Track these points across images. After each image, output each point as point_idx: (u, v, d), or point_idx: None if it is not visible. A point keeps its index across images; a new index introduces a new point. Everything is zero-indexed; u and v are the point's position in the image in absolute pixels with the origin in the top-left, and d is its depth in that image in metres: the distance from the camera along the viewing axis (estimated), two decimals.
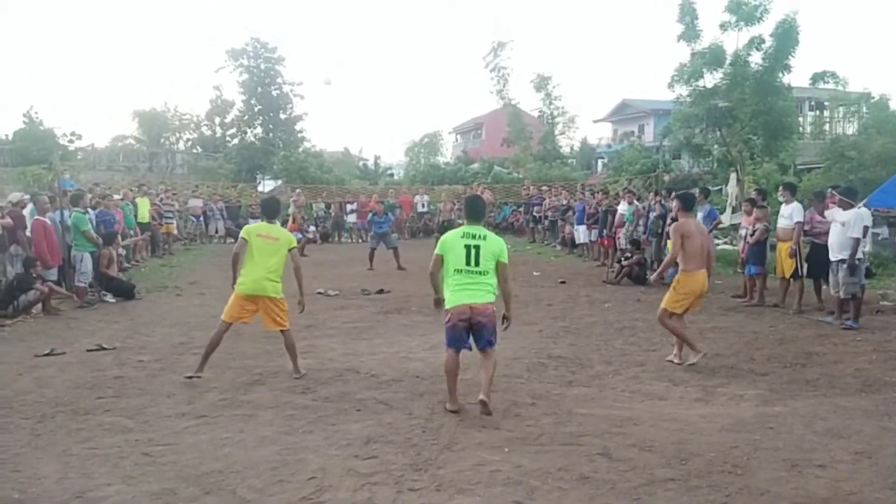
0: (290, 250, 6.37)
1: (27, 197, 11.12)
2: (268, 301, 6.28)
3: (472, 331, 5.24)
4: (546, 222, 20.81)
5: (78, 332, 8.59)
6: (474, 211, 5.55)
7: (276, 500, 3.85)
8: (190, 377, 6.22)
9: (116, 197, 15.34)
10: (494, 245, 5.31)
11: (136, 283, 11.81)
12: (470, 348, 5.33)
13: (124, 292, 11.09)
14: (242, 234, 6.44)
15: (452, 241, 5.31)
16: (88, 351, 7.47)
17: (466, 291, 5.18)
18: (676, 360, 6.77)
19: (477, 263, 5.21)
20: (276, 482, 4.08)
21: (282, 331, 6.36)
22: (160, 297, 11.39)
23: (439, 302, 5.48)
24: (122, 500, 3.86)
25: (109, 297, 10.90)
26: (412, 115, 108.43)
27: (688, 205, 7.16)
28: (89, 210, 11.86)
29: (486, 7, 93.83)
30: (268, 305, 6.29)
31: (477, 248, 5.23)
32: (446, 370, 5.32)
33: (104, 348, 7.55)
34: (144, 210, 16.56)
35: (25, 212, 10.54)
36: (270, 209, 6.69)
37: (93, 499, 3.87)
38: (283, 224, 9.29)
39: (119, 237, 12.91)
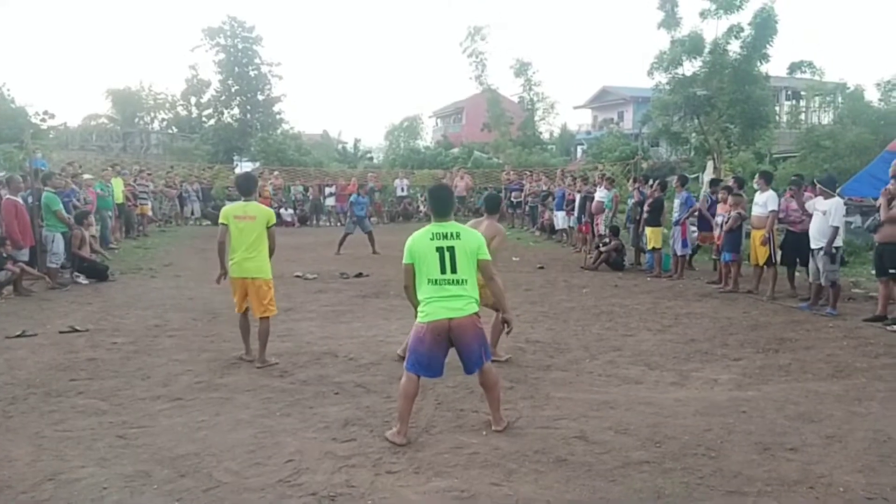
0: (268, 227, 6.21)
1: (3, 175, 10.85)
2: (252, 283, 6.15)
3: (456, 350, 4.47)
4: (526, 208, 20.86)
5: (50, 313, 8.45)
6: (441, 204, 4.56)
7: (252, 482, 3.83)
8: (248, 360, 6.27)
9: (87, 176, 15.06)
10: (471, 242, 4.41)
11: (110, 265, 11.63)
12: (438, 375, 4.55)
13: (97, 274, 10.92)
14: (221, 219, 6.30)
15: (420, 246, 4.40)
16: (61, 333, 7.35)
17: (443, 303, 4.33)
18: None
19: (454, 269, 4.33)
20: (252, 465, 4.05)
21: (261, 317, 6.20)
22: (134, 279, 11.24)
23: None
24: (96, 482, 3.81)
25: (82, 279, 10.73)
26: (393, 98, 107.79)
27: (490, 208, 6.53)
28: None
29: None
30: (252, 287, 6.16)
31: (451, 249, 4.34)
32: (403, 393, 4.44)
33: (77, 330, 7.44)
34: (118, 191, 16.27)
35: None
36: (245, 186, 6.44)
37: (66, 481, 3.82)
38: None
39: (91, 217, 12.68)
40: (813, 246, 8.60)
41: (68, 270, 10.81)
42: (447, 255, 4.34)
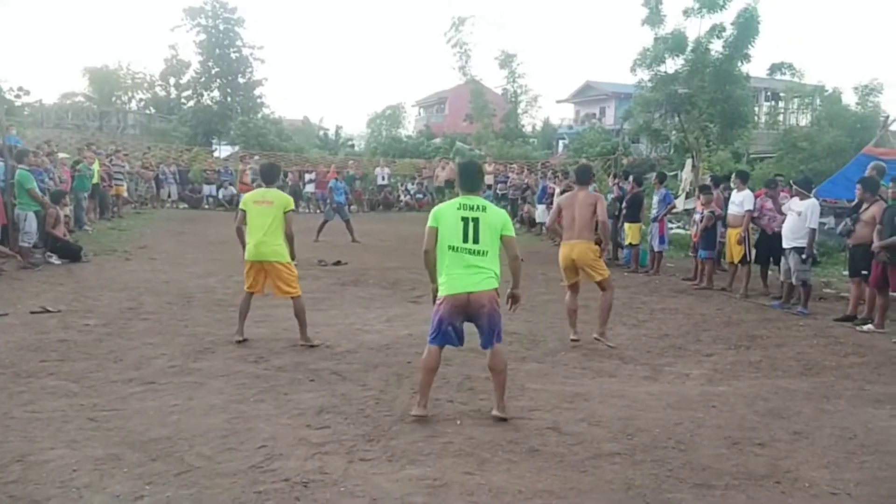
0: (285, 213, 6.38)
1: None
2: (270, 266, 6.31)
3: (472, 323, 4.56)
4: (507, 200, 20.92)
5: (21, 293, 8.30)
6: (470, 179, 4.78)
7: (224, 467, 3.81)
8: (238, 341, 6.34)
9: (63, 155, 14.79)
10: (496, 218, 4.56)
11: (84, 246, 11.45)
12: (461, 344, 4.67)
13: (71, 254, 10.75)
14: (241, 205, 6.56)
15: (446, 212, 4.58)
16: (32, 313, 7.23)
17: (463, 276, 4.44)
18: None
19: (476, 240, 4.45)
20: (225, 450, 4.03)
21: (292, 297, 6.38)
22: (108, 261, 11.08)
23: (438, 292, 4.62)
24: (66, 464, 3.76)
25: (55, 259, 10.55)
26: (375, 86, 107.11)
27: (581, 179, 7.22)
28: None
29: None
30: (272, 270, 6.33)
31: (476, 220, 4.47)
32: (424, 366, 4.58)
33: (49, 311, 7.32)
34: (93, 171, 15.97)
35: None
36: (268, 175, 6.79)
37: (34, 462, 3.77)
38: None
39: (67, 197, 12.47)
40: (785, 245, 8.73)
41: (41, 250, 10.63)
42: (471, 224, 4.47)
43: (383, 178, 25.58)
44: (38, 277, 9.38)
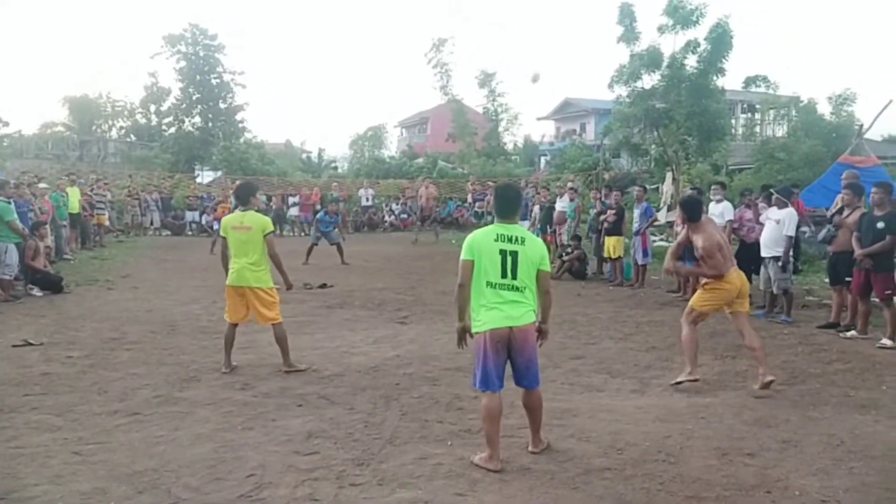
0: (265, 235, 6.28)
1: None
2: (253, 292, 6.22)
3: (511, 361, 4.22)
4: (489, 218, 20.99)
5: (2, 326, 8.18)
6: (508, 205, 4.35)
7: (213, 497, 3.76)
8: (224, 372, 6.21)
9: (43, 185, 14.68)
10: (535, 251, 4.21)
11: (65, 276, 11.33)
12: (501, 386, 4.22)
13: (52, 285, 10.62)
14: (221, 231, 6.46)
15: (484, 244, 4.16)
16: (14, 346, 7.13)
17: (503, 310, 4.10)
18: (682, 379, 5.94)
19: (514, 275, 4.12)
20: (212, 480, 3.98)
21: (273, 324, 6.30)
22: (90, 291, 10.96)
23: (466, 331, 4.26)
24: (51, 499, 3.70)
25: (36, 291, 10.43)
26: (357, 108, 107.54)
27: (694, 215, 6.04)
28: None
29: (433, 2, 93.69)
30: (252, 296, 6.23)
31: (514, 254, 4.12)
32: (487, 415, 4.14)
33: (31, 343, 7.22)
34: (74, 200, 15.88)
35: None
36: (243, 194, 6.54)
37: (19, 499, 3.70)
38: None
39: (47, 228, 12.34)
40: (764, 254, 8.82)
41: (22, 282, 10.49)
42: (510, 259, 4.13)
43: (367, 200, 25.59)
44: (20, 310, 9.26)
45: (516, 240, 4.17)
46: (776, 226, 8.62)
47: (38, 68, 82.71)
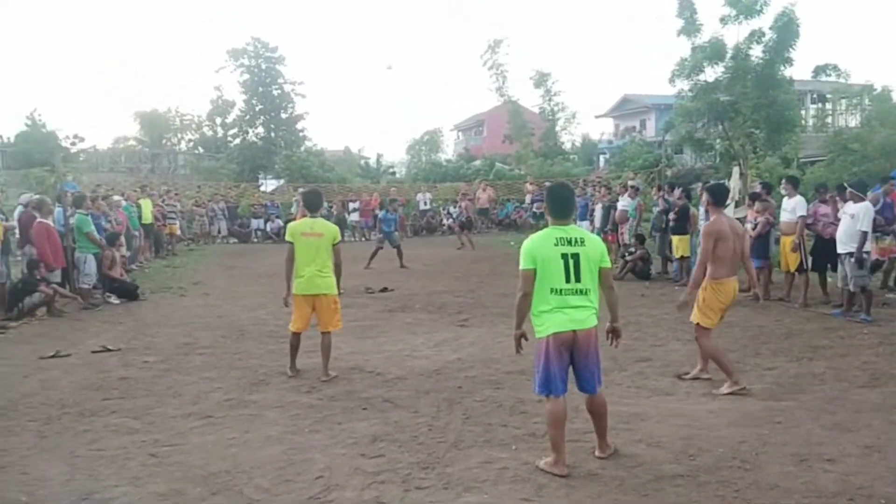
0: (334, 245, 6.32)
1: (36, 197, 11.10)
2: (323, 298, 6.26)
3: (573, 365, 4.15)
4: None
5: (82, 333, 8.59)
6: (562, 205, 4.23)
7: (283, 499, 3.84)
8: (290, 375, 6.30)
9: (117, 198, 15.35)
10: (595, 250, 4.12)
11: (140, 284, 11.82)
12: (565, 390, 4.13)
13: (128, 293, 11.10)
14: (287, 236, 6.44)
15: (545, 250, 4.03)
16: (93, 352, 7.47)
17: (567, 314, 4.02)
18: (691, 375, 6.03)
19: (578, 278, 4.02)
20: (282, 482, 4.07)
21: (329, 331, 6.33)
22: (164, 298, 11.39)
23: (523, 339, 4.22)
24: (130, 501, 3.85)
25: (113, 299, 10.91)
26: (414, 112, 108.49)
27: (719, 199, 6.09)
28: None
29: (488, 4, 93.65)
30: (320, 303, 6.27)
31: (576, 256, 4.02)
32: (552, 421, 4.08)
33: (109, 349, 7.56)
34: (147, 211, 16.57)
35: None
36: (312, 202, 6.59)
37: (100, 500, 3.87)
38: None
39: (122, 238, 12.91)
40: (840, 251, 8.45)
41: (100, 291, 11.00)
42: (571, 262, 4.02)
43: (425, 204, 25.76)
44: (98, 317, 9.71)
45: (576, 241, 4.07)
46: (851, 221, 8.23)
47: (110, 86, 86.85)
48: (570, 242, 4.05)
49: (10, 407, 5.58)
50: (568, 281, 4.02)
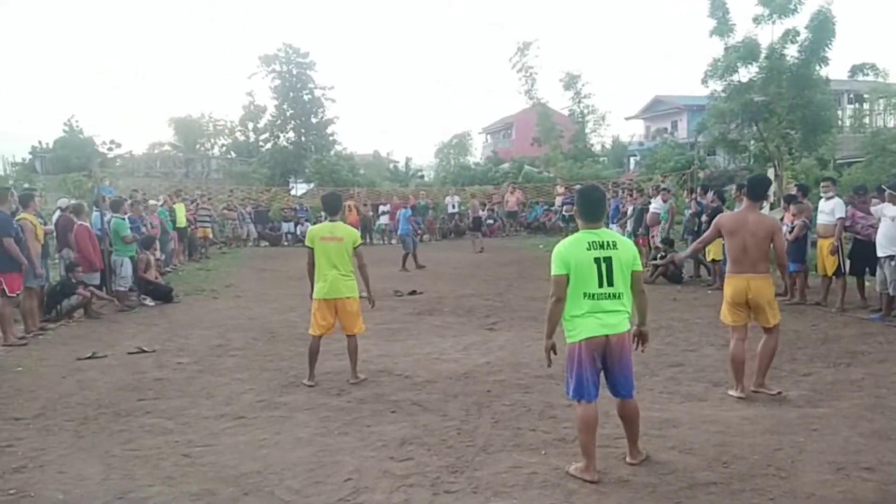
0: (355, 248, 6.30)
1: (74, 202, 11.38)
2: (344, 302, 6.23)
3: (605, 370, 4.11)
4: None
5: (119, 335, 8.77)
6: (592, 208, 4.16)
7: (313, 501, 3.87)
8: (310, 385, 6.20)
9: (152, 202, 15.66)
10: (627, 253, 4.06)
11: (174, 287, 12.02)
12: (597, 395, 4.09)
13: (163, 296, 11.31)
14: (307, 241, 6.40)
15: (577, 255, 3.98)
16: (129, 354, 7.62)
17: (600, 318, 3.97)
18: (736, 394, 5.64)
19: (611, 283, 3.96)
20: (312, 483, 4.10)
21: (353, 334, 6.30)
22: (197, 301, 11.58)
23: (553, 351, 4.16)
24: (164, 500, 3.92)
25: (149, 301, 11.12)
26: (442, 116, 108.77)
27: (751, 191, 5.75)
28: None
29: (516, 7, 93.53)
30: (342, 307, 6.24)
31: (608, 260, 3.97)
32: (583, 426, 4.03)
33: (144, 351, 7.70)
34: (181, 215, 16.87)
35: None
36: (331, 206, 6.54)
37: (135, 499, 3.94)
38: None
39: (157, 242, 13.16)
40: (880, 254, 8.24)
41: (135, 293, 11.22)
42: (604, 266, 3.96)
43: (454, 207, 25.77)
44: (134, 319, 9.90)
45: (608, 245, 4.01)
46: (892, 223, 8.02)
47: (146, 92, 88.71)
48: (602, 246, 4.00)
49: (48, 407, 5.72)
50: (601, 285, 3.96)
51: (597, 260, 3.97)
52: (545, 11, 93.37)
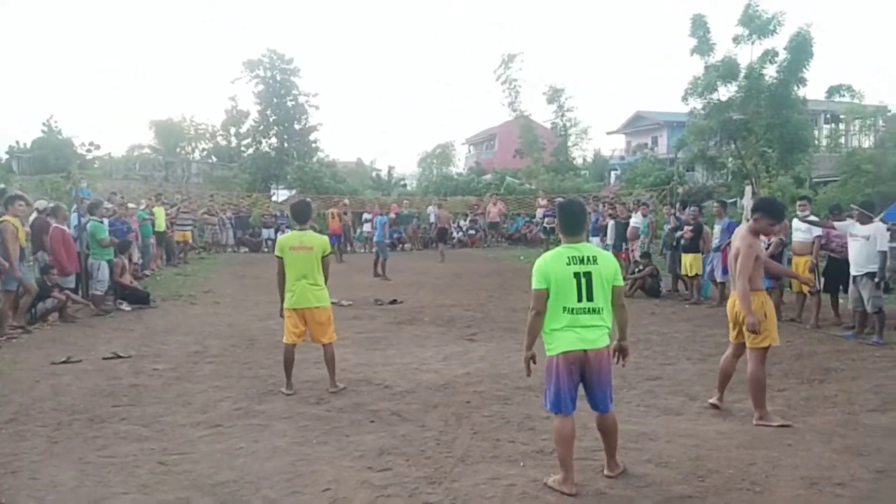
0: (323, 257, 6.24)
1: (52, 205, 11.22)
2: (312, 312, 6.18)
3: (584, 384, 4.13)
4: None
5: (94, 339, 8.65)
6: (574, 222, 4.20)
7: None
8: (288, 394, 6.14)
9: (131, 205, 15.49)
10: (608, 268, 4.08)
11: (152, 291, 11.89)
12: (574, 408, 4.12)
13: (139, 300, 11.17)
14: (277, 251, 6.34)
15: (557, 269, 4.01)
16: (104, 359, 7.51)
17: (578, 333, 4.00)
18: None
19: (590, 297, 4.00)
20: (289, 493, 4.07)
21: (326, 343, 6.26)
22: (175, 306, 11.46)
23: (532, 361, 4.17)
24: None
25: (125, 306, 10.98)
26: (426, 126, 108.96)
27: (759, 210, 5.58)
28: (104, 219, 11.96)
29: (501, 19, 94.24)
30: (312, 316, 6.19)
31: (588, 275, 3.99)
32: (561, 438, 4.06)
33: (120, 356, 7.60)
34: (161, 219, 16.71)
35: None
36: (301, 214, 6.48)
37: None
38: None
39: (134, 245, 13.01)
40: (854, 272, 8.39)
41: (111, 297, 11.08)
42: (584, 281, 3.99)
43: (436, 216, 25.80)
44: (110, 324, 9.77)
45: (588, 260, 4.04)
46: (866, 242, 8.19)
47: (126, 94, 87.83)
48: (582, 261, 4.03)
49: (21, 412, 5.62)
50: (580, 300, 3.99)
51: (576, 275, 4.00)
52: (530, 25, 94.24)
